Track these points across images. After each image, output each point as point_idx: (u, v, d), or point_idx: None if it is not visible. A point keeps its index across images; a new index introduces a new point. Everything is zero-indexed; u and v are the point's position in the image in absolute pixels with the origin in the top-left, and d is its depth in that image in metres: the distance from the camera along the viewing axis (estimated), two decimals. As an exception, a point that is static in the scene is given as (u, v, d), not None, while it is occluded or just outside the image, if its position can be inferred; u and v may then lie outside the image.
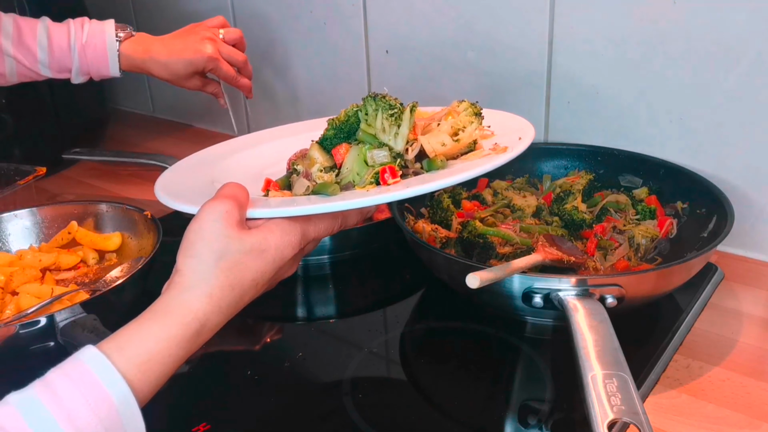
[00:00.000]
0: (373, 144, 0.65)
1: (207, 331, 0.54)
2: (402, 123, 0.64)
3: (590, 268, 0.82)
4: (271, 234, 0.57)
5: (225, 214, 0.55)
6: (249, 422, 0.70)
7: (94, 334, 0.74)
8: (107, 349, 0.50)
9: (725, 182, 0.90)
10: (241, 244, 0.55)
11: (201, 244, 0.54)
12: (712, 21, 0.87)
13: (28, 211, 0.99)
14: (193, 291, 0.53)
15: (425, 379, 0.75)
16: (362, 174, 0.63)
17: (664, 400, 0.69)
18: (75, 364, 0.49)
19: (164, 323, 0.52)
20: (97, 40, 1.03)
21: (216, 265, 0.54)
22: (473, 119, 0.67)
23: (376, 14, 1.20)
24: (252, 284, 0.56)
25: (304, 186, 0.64)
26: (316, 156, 0.67)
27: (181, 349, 0.52)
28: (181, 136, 1.59)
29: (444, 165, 0.64)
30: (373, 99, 0.65)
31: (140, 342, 0.50)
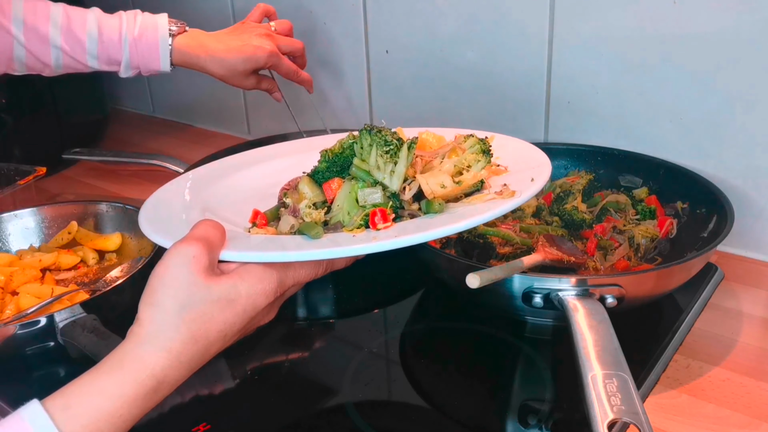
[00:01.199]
0: (367, 181, 0.59)
1: (165, 388, 0.49)
2: (398, 160, 0.58)
3: (590, 268, 0.82)
4: (242, 282, 0.52)
5: (192, 260, 0.50)
6: (249, 422, 0.70)
7: (94, 334, 0.74)
8: (52, 407, 0.46)
9: (725, 182, 0.90)
10: (207, 293, 0.50)
11: (163, 291, 0.50)
12: (712, 21, 0.87)
13: (28, 211, 0.99)
14: (150, 344, 0.49)
15: (425, 379, 0.75)
16: (352, 214, 0.58)
17: (664, 400, 0.69)
18: (17, 421, 0.45)
19: (116, 379, 0.47)
20: (149, 34, 0.99)
21: (178, 316, 0.49)
22: (480, 157, 0.61)
23: (376, 14, 1.20)
24: (219, 336, 0.51)
25: (290, 224, 0.60)
26: (306, 191, 0.62)
27: (135, 408, 0.47)
28: (181, 136, 1.59)
29: (442, 208, 0.58)
30: (368, 132, 0.60)
31: (89, 399, 0.46)
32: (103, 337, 0.73)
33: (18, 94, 1.30)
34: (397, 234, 0.55)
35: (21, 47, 0.96)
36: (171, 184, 0.74)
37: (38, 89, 1.34)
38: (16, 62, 0.98)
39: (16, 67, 1.00)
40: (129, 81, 1.74)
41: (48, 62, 0.98)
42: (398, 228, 0.57)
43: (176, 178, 0.76)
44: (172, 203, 0.69)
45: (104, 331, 0.74)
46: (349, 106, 1.32)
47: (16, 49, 0.96)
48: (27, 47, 0.96)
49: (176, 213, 0.66)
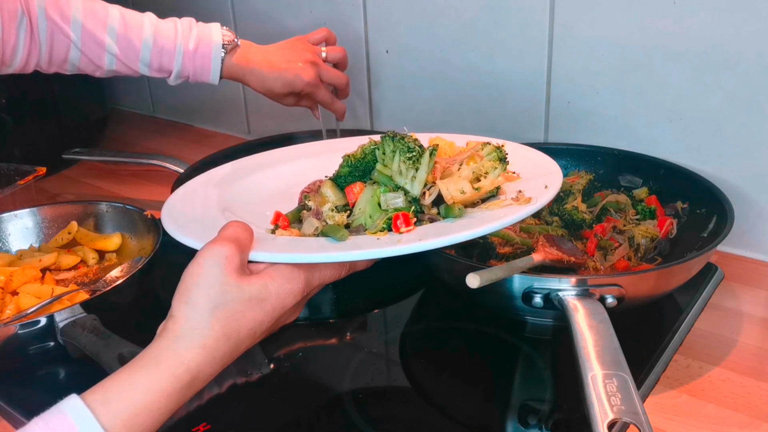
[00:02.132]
0: (389, 186, 0.62)
1: (199, 383, 0.51)
2: (420, 167, 0.61)
3: (590, 268, 0.82)
4: (272, 282, 0.54)
5: (225, 260, 0.52)
6: (249, 422, 0.70)
7: (94, 334, 0.74)
8: (92, 402, 0.47)
9: (725, 182, 0.90)
10: (239, 293, 0.52)
11: (197, 290, 0.52)
12: (712, 21, 0.87)
13: (28, 211, 0.99)
14: (186, 340, 0.51)
15: (425, 379, 0.75)
16: (374, 217, 0.60)
17: (664, 400, 0.69)
18: (58, 416, 0.46)
19: (154, 375, 0.49)
20: (203, 47, 0.99)
21: (212, 314, 0.51)
22: (497, 165, 0.63)
23: (376, 14, 1.20)
24: (249, 334, 0.53)
25: (313, 226, 0.61)
26: (329, 194, 0.64)
27: (171, 402, 0.49)
28: (181, 136, 1.59)
29: (462, 213, 0.60)
30: (391, 139, 0.62)
31: (128, 394, 0.48)
32: (103, 337, 0.73)
33: (18, 94, 1.30)
34: (420, 238, 0.56)
35: (77, 50, 0.96)
36: (189, 184, 0.76)
37: (38, 89, 1.34)
38: (70, 64, 0.99)
39: (68, 68, 1.00)
40: (129, 81, 1.74)
41: (101, 65, 0.99)
42: (421, 232, 0.58)
43: (194, 178, 0.78)
44: (193, 204, 0.71)
45: (104, 331, 0.74)
46: (349, 106, 1.32)
47: (72, 51, 0.96)
48: (83, 51, 0.96)
49: (198, 214, 0.68)
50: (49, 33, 0.94)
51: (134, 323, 0.83)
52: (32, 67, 0.97)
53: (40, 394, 0.75)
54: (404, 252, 0.55)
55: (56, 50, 0.96)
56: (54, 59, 0.97)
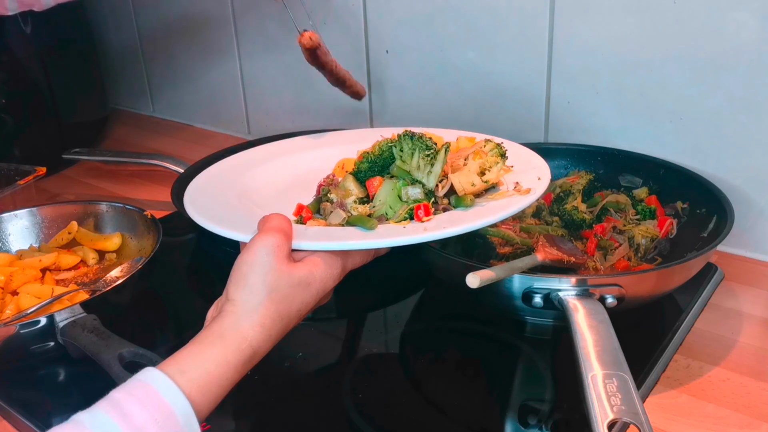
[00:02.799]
0: (407, 180, 0.68)
1: (257, 357, 0.57)
2: (436, 162, 0.67)
3: (590, 268, 0.82)
4: (316, 268, 0.60)
5: (276, 248, 0.58)
6: (249, 422, 0.70)
7: (94, 334, 0.74)
8: (171, 372, 0.52)
9: (725, 182, 0.90)
10: (290, 278, 0.58)
11: (253, 276, 0.57)
12: (712, 21, 0.87)
13: (28, 211, 0.99)
14: (246, 320, 0.56)
15: (425, 379, 0.75)
16: (396, 208, 0.67)
17: (664, 400, 0.69)
18: (139, 384, 0.51)
19: (221, 348, 0.54)
20: None
21: (267, 297, 0.57)
22: (498, 159, 0.69)
23: (376, 14, 1.20)
24: (297, 314, 0.60)
25: (341, 217, 0.67)
26: (351, 187, 0.70)
27: (236, 373, 0.55)
28: (181, 136, 1.59)
29: (472, 203, 0.67)
30: (410, 138, 0.68)
31: (200, 365, 0.53)
32: (103, 337, 0.73)
33: (18, 94, 1.30)
34: (444, 226, 0.63)
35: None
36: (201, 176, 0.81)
37: (38, 89, 1.34)
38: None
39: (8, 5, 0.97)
40: (129, 81, 1.74)
41: None
42: (441, 220, 0.65)
43: (205, 170, 0.83)
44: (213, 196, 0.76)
45: (104, 331, 0.74)
46: (350, 105, 1.32)
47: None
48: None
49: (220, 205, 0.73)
50: None
51: (134, 323, 0.83)
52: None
53: (40, 394, 0.75)
54: (433, 238, 0.61)
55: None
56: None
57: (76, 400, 0.51)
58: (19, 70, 1.31)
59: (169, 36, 1.57)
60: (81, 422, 0.48)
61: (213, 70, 1.52)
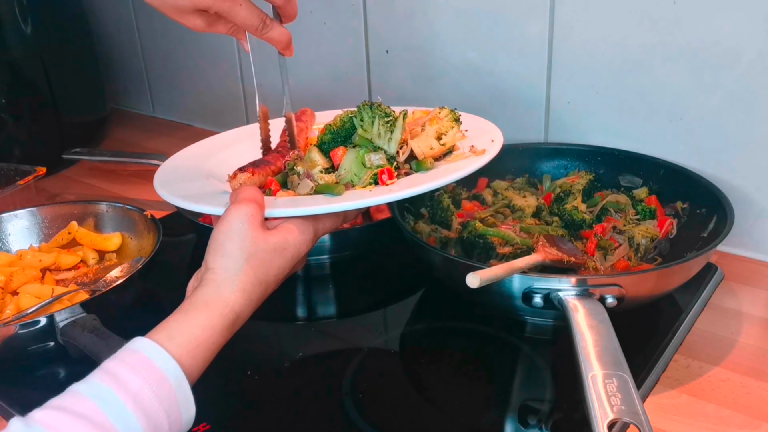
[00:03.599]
0: (369, 148, 0.71)
1: (240, 321, 0.59)
2: (395, 129, 0.70)
3: (590, 268, 0.82)
4: (290, 234, 0.62)
5: (250, 217, 0.60)
6: (249, 422, 0.70)
7: (94, 334, 0.74)
8: (159, 339, 0.54)
9: (725, 182, 0.90)
10: (266, 244, 0.60)
11: (230, 244, 0.59)
12: (712, 20, 0.87)
13: (28, 211, 0.99)
14: (227, 286, 0.58)
15: (425, 379, 0.75)
16: (360, 175, 0.69)
17: (664, 400, 0.69)
18: (131, 353, 0.53)
19: (206, 314, 0.56)
20: None
21: (246, 263, 0.59)
22: (453, 124, 0.73)
23: (376, 14, 1.20)
24: (275, 279, 0.61)
25: (309, 186, 0.70)
26: (316, 158, 0.72)
27: (221, 337, 0.57)
28: (181, 136, 1.59)
29: (432, 166, 0.70)
30: (369, 107, 0.71)
31: (187, 330, 0.55)
32: (103, 337, 0.73)
33: (18, 94, 1.30)
34: (407, 186, 0.66)
35: None
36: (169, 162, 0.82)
37: (38, 89, 1.34)
38: None
39: None
40: (129, 81, 1.74)
41: None
42: (405, 182, 0.68)
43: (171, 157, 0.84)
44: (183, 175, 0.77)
45: (104, 331, 0.74)
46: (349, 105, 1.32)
47: None
48: None
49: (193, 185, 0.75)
50: None
51: (134, 323, 0.83)
52: None
53: (40, 394, 0.74)
54: (398, 197, 0.65)
55: None
56: None
57: (76, 400, 0.51)
58: (19, 70, 1.31)
59: (169, 36, 1.57)
60: (78, 392, 0.50)
61: (213, 70, 1.52)
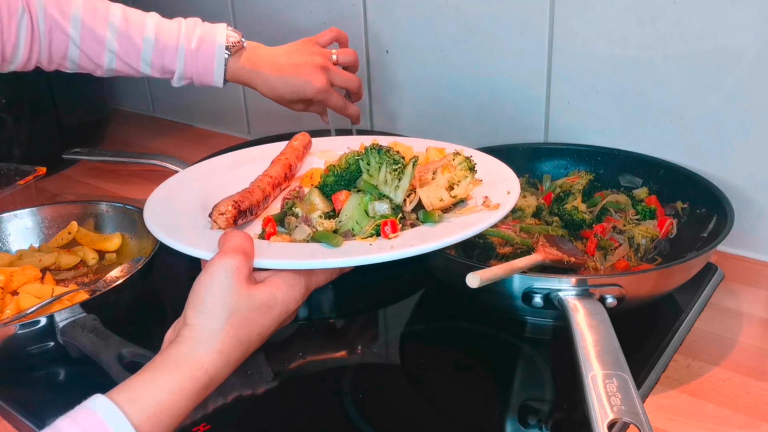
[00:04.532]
0: (374, 194, 0.66)
1: (214, 384, 0.55)
2: (404, 177, 0.66)
3: (590, 268, 0.82)
4: (278, 290, 0.58)
5: (236, 271, 0.56)
6: (249, 422, 0.70)
7: (94, 334, 0.74)
8: (119, 400, 0.50)
9: (725, 182, 0.90)
10: (251, 301, 0.56)
11: (212, 300, 0.55)
12: (712, 21, 0.87)
13: (28, 211, 0.99)
14: (204, 346, 0.54)
15: (425, 379, 0.75)
16: (362, 224, 0.65)
17: (664, 400, 0.69)
18: (86, 413, 0.49)
19: (175, 376, 0.52)
20: (206, 47, 0.96)
21: (227, 322, 0.55)
22: (467, 174, 0.69)
23: (376, 14, 1.20)
24: (258, 338, 0.57)
25: (305, 233, 0.65)
26: (317, 201, 0.69)
27: (191, 401, 0.53)
28: (181, 136, 1.59)
29: (441, 219, 0.66)
30: (377, 152, 0.67)
31: (152, 394, 0.51)
32: (103, 337, 0.73)
33: (18, 94, 1.30)
34: (411, 243, 0.62)
35: (76, 48, 0.94)
36: (167, 184, 0.78)
37: (38, 89, 1.34)
38: (69, 61, 0.97)
39: (68, 66, 0.98)
40: (129, 81, 1.74)
41: (101, 64, 0.96)
42: (408, 237, 0.63)
43: (168, 179, 0.80)
44: (174, 206, 0.73)
45: (104, 331, 0.74)
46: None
47: (71, 49, 0.95)
48: (82, 48, 0.94)
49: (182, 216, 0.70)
50: (48, 30, 0.93)
51: (134, 323, 0.83)
52: (33, 65, 0.96)
53: (40, 394, 0.75)
54: (400, 257, 0.60)
55: (55, 47, 0.95)
56: (54, 56, 0.96)
57: (76, 400, 0.51)
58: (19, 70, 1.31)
59: (169, 36, 1.57)
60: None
61: (213, 70, 1.52)
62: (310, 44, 1.02)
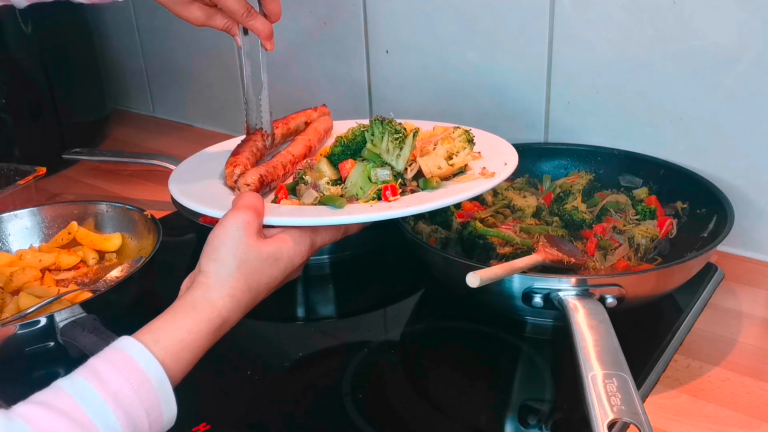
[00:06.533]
0: (377, 162, 0.71)
1: (227, 326, 0.60)
2: (405, 146, 0.70)
3: (590, 268, 0.82)
4: (284, 244, 0.62)
5: (246, 224, 0.60)
6: (249, 422, 0.70)
7: (94, 334, 0.74)
8: (145, 340, 0.54)
9: (725, 182, 0.90)
10: (258, 252, 0.60)
11: (224, 250, 0.60)
12: (712, 21, 0.87)
13: (28, 211, 0.99)
14: (217, 291, 0.59)
15: (425, 379, 0.75)
16: (365, 189, 0.69)
17: (664, 400, 0.69)
18: (115, 351, 0.53)
19: (192, 317, 0.57)
20: None
21: (237, 269, 0.59)
22: (466, 145, 0.73)
23: (376, 14, 1.20)
24: (266, 287, 0.62)
25: (313, 196, 0.70)
26: (325, 169, 0.73)
27: (207, 341, 0.57)
28: (181, 136, 1.59)
29: (439, 185, 0.70)
30: (380, 123, 0.71)
31: (173, 333, 0.56)
32: (103, 337, 0.73)
33: (18, 94, 1.30)
34: (408, 204, 0.66)
35: None
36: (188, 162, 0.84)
37: (38, 89, 1.34)
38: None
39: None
40: (129, 81, 1.74)
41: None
42: (407, 200, 0.68)
43: (190, 157, 0.86)
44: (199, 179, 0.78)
45: (104, 331, 0.74)
46: (350, 105, 1.32)
47: None
48: None
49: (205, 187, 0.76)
50: None
51: (134, 323, 0.83)
52: None
53: (40, 394, 0.74)
54: (397, 215, 0.65)
55: None
56: None
57: (76, 400, 0.51)
58: (19, 70, 1.31)
59: (169, 36, 1.57)
60: (61, 388, 0.51)
61: (213, 70, 1.52)
62: None
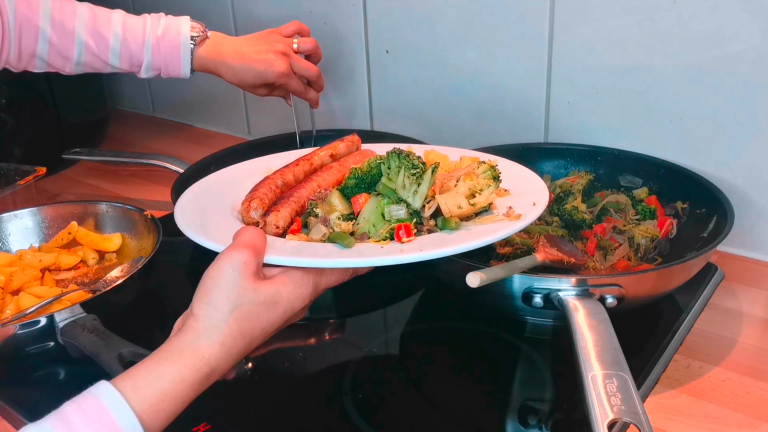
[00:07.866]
0: (392, 198, 0.66)
1: (216, 375, 0.56)
2: (422, 182, 0.65)
3: (590, 268, 0.82)
4: (284, 287, 0.58)
5: (243, 265, 0.56)
6: (249, 422, 0.70)
7: (94, 334, 0.74)
8: (122, 388, 0.51)
9: (725, 182, 0.90)
10: (255, 296, 0.56)
11: (218, 292, 0.56)
12: (712, 21, 0.87)
13: (28, 211, 0.99)
14: (207, 337, 0.55)
15: (425, 379, 0.75)
16: (378, 227, 0.65)
17: (664, 400, 0.69)
18: (90, 399, 0.50)
19: (178, 366, 0.53)
20: (171, 38, 1.01)
21: (230, 315, 0.55)
22: (491, 183, 0.67)
23: (376, 14, 1.20)
24: (261, 333, 0.58)
25: (321, 232, 0.65)
26: (336, 203, 0.69)
27: (192, 391, 0.54)
28: (181, 136, 1.59)
29: (458, 226, 0.65)
30: (397, 156, 0.66)
31: (154, 381, 0.52)
32: (103, 337, 0.73)
33: (18, 94, 1.30)
34: (421, 248, 0.61)
35: (45, 43, 0.97)
36: (197, 186, 0.79)
37: (38, 89, 1.34)
38: (38, 59, 0.99)
39: (37, 64, 1.00)
40: (129, 81, 1.74)
41: (71, 57, 0.99)
42: (421, 242, 0.63)
43: (200, 181, 0.81)
44: (204, 206, 0.74)
45: (104, 331, 0.74)
46: (350, 105, 1.32)
47: (41, 44, 0.97)
48: (52, 41, 0.97)
49: (209, 215, 0.72)
50: (18, 25, 0.94)
51: (134, 323, 0.83)
52: (2, 64, 0.98)
53: (40, 394, 0.75)
54: (406, 261, 0.59)
55: (25, 43, 0.96)
56: (23, 53, 0.97)
57: (76, 400, 0.51)
58: (19, 70, 1.31)
59: (169, 36, 1.57)
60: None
61: (213, 70, 1.52)
62: (272, 33, 1.08)
